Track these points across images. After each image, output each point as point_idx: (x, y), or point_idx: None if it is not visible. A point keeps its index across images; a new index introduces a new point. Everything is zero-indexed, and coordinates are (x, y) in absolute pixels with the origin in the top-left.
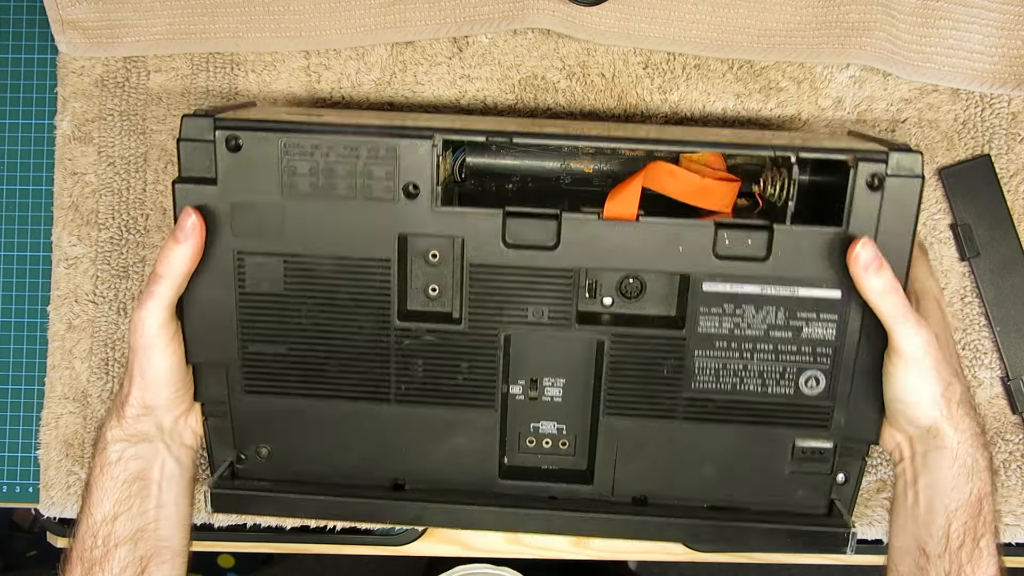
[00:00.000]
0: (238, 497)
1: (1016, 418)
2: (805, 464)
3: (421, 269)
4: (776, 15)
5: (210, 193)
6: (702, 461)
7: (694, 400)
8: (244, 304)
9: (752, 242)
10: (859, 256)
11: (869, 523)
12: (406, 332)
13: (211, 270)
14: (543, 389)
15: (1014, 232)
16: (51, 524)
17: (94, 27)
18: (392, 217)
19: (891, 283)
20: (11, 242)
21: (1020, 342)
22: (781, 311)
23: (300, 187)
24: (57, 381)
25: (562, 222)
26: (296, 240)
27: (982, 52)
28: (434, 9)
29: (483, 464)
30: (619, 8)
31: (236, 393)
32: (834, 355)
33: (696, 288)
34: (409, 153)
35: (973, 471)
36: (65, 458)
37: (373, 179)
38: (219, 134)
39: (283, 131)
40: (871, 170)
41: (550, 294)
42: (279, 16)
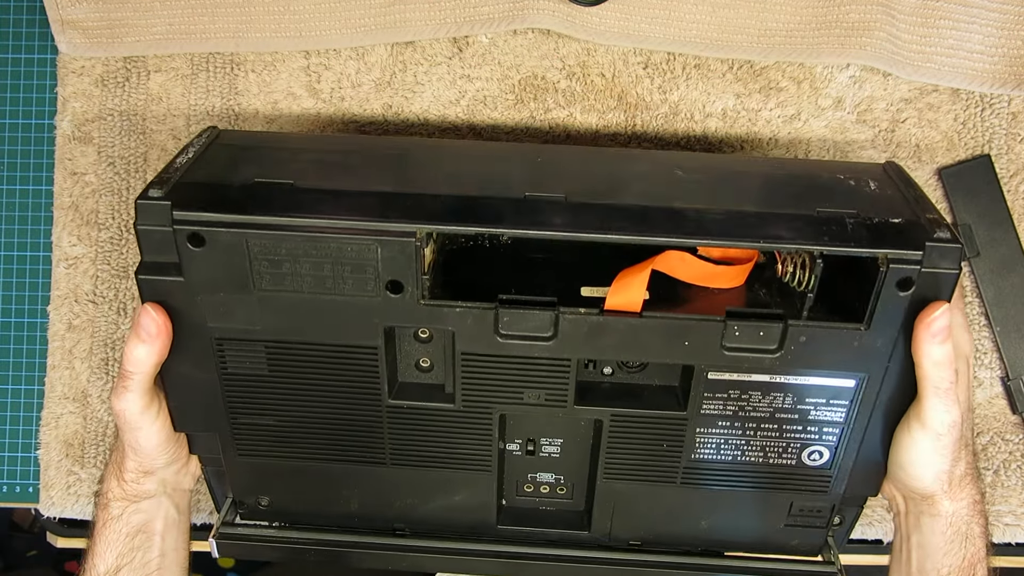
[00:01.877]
0: (244, 546)
1: (1016, 418)
2: (801, 519)
3: (411, 346)
4: (776, 15)
5: (177, 285)
6: (699, 517)
7: (693, 469)
8: (228, 383)
9: (764, 334)
10: (932, 323)
11: (869, 523)
12: (399, 408)
13: (189, 352)
14: (540, 447)
15: (1014, 232)
16: (51, 524)
17: (94, 27)
18: (376, 311)
19: (950, 357)
20: (11, 242)
21: (1020, 342)
22: (790, 397)
23: (272, 282)
24: (57, 381)
25: (560, 317)
26: (275, 329)
27: (982, 52)
28: (434, 9)
29: (481, 514)
30: (619, 8)
31: (230, 455)
32: (840, 435)
33: (701, 376)
34: (388, 252)
35: (967, 538)
36: (65, 458)
37: (351, 277)
38: (179, 229)
39: (248, 227)
40: (903, 273)
41: (546, 379)
42: (279, 16)
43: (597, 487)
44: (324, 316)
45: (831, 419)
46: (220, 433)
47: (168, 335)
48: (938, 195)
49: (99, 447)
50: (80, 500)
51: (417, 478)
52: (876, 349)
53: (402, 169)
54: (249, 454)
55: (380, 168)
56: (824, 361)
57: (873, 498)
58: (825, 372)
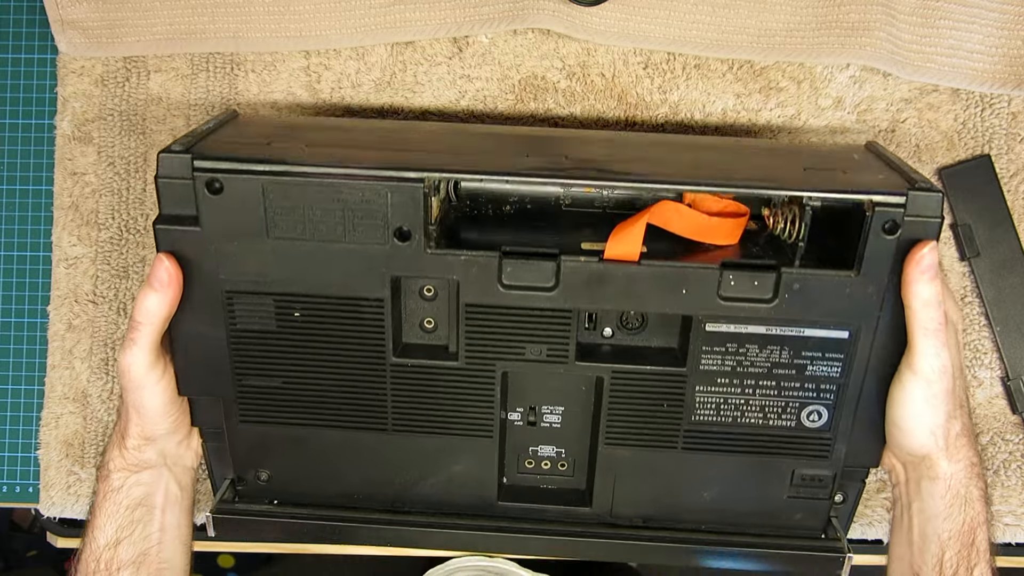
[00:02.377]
0: (240, 522)
1: (1016, 418)
2: (804, 490)
3: (416, 304)
4: (776, 15)
5: (193, 234)
6: (701, 487)
7: (693, 431)
8: (236, 341)
9: (759, 284)
10: (922, 259)
11: (869, 523)
12: (402, 367)
13: (200, 308)
14: (542, 416)
15: (1014, 232)
16: (51, 524)
17: (94, 27)
18: (384, 260)
19: (938, 297)
20: (11, 242)
21: (1020, 342)
22: (786, 350)
23: (285, 230)
24: (57, 381)
25: (561, 264)
26: (285, 280)
27: (982, 52)
28: (434, 9)
29: (482, 487)
30: (619, 8)
31: (232, 422)
32: (838, 391)
33: (699, 328)
34: (399, 197)
35: (967, 501)
36: (65, 458)
37: (361, 222)
38: (199, 176)
39: (264, 174)
40: (888, 216)
41: (548, 332)
42: (279, 16)
43: (598, 456)
44: (334, 266)
45: (827, 374)
46: (224, 398)
47: (180, 286)
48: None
49: (99, 447)
50: (80, 500)
51: (418, 447)
52: (867, 297)
53: (410, 138)
54: (252, 420)
55: (389, 138)
56: (818, 310)
57: (871, 503)
58: (819, 323)
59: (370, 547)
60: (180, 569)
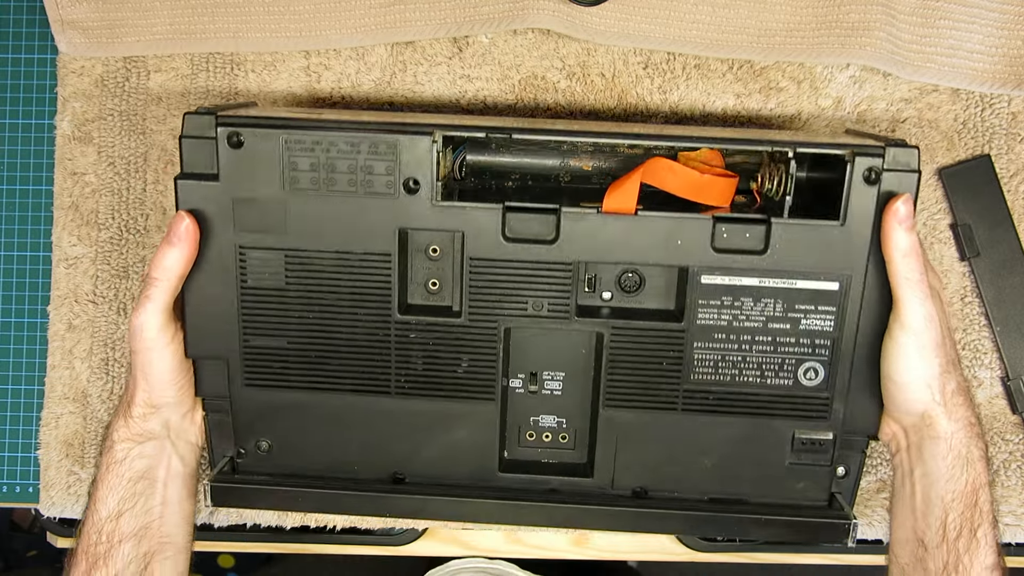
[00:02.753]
0: (238, 490)
1: (1016, 418)
2: (805, 456)
3: (422, 264)
4: (776, 15)
5: (212, 189)
6: (702, 453)
7: (693, 392)
8: (246, 298)
9: (750, 235)
10: (898, 210)
11: (869, 523)
12: (406, 326)
13: (212, 265)
14: (543, 382)
15: (1014, 232)
16: (51, 524)
17: (94, 27)
18: (393, 212)
19: (916, 246)
20: (11, 242)
21: (1020, 342)
22: (779, 303)
23: (301, 182)
24: (57, 381)
25: (561, 216)
26: (297, 235)
27: (982, 52)
28: (434, 9)
29: (483, 457)
30: (619, 8)
31: (236, 387)
32: (832, 346)
33: (695, 281)
34: (409, 149)
35: (968, 461)
36: (65, 458)
37: (374, 174)
38: (221, 131)
39: (285, 127)
40: (867, 164)
41: (549, 287)
42: (279, 16)
43: (599, 421)
44: (345, 220)
45: (821, 328)
46: (229, 361)
47: (196, 242)
48: (938, 195)
49: (99, 447)
50: (80, 500)
51: (420, 412)
52: (854, 247)
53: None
54: (256, 383)
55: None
56: (808, 261)
57: (871, 503)
58: (810, 274)
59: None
60: (181, 546)
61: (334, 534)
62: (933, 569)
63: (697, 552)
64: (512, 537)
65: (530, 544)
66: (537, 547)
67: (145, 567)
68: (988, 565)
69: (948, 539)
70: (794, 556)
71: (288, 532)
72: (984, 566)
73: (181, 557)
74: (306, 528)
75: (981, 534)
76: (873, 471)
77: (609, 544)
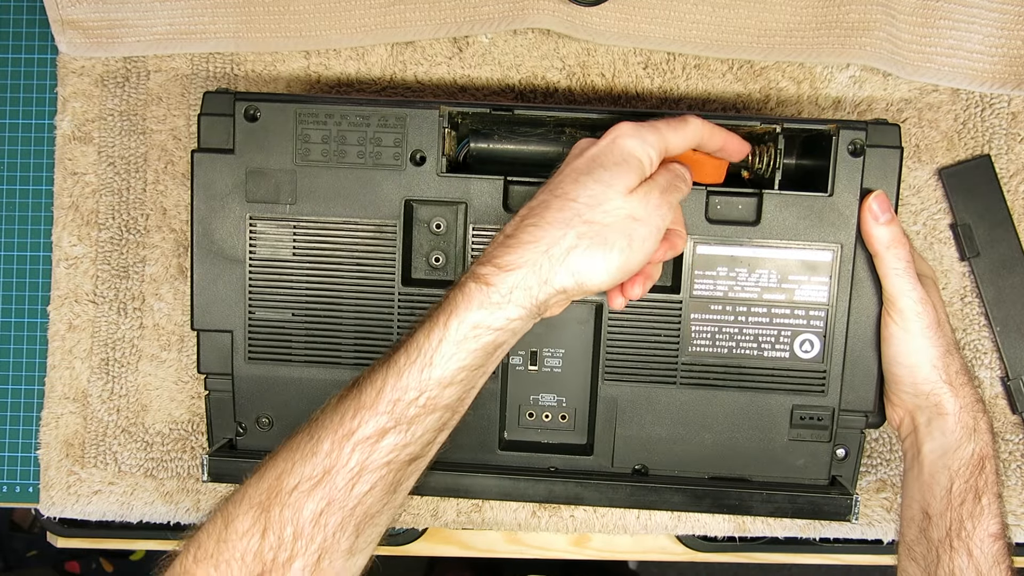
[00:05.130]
0: (236, 465)
1: (1016, 418)
2: (804, 431)
3: (426, 238)
4: (776, 15)
5: (226, 161)
6: (701, 429)
7: (691, 365)
8: (253, 269)
9: (743, 207)
10: (871, 206)
11: (869, 523)
12: (410, 297)
13: (224, 236)
14: (543, 360)
15: (1014, 232)
16: (51, 524)
17: (94, 27)
18: (399, 183)
19: (899, 236)
20: (11, 242)
21: (1020, 342)
22: (774, 273)
23: (312, 154)
24: (57, 381)
25: None
26: (306, 206)
27: (982, 52)
28: (434, 9)
29: (483, 436)
30: (619, 8)
31: (239, 361)
32: (827, 318)
33: (691, 251)
34: (417, 122)
35: (975, 432)
36: (65, 458)
37: (382, 147)
38: (239, 105)
39: (298, 102)
40: (852, 137)
41: None
42: (279, 16)
43: (599, 397)
44: (353, 192)
45: (815, 300)
46: (234, 333)
47: None
48: (938, 195)
49: (99, 447)
50: (80, 500)
51: None
52: (843, 217)
53: None
54: (259, 357)
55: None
56: (799, 231)
57: (870, 503)
58: (802, 244)
59: None
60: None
61: None
62: (936, 537)
63: (697, 552)
64: (512, 537)
65: (530, 544)
66: (537, 547)
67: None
68: (992, 532)
69: (952, 505)
70: (794, 556)
71: None
72: (988, 532)
73: None
74: None
75: (986, 501)
76: (873, 471)
77: (609, 544)
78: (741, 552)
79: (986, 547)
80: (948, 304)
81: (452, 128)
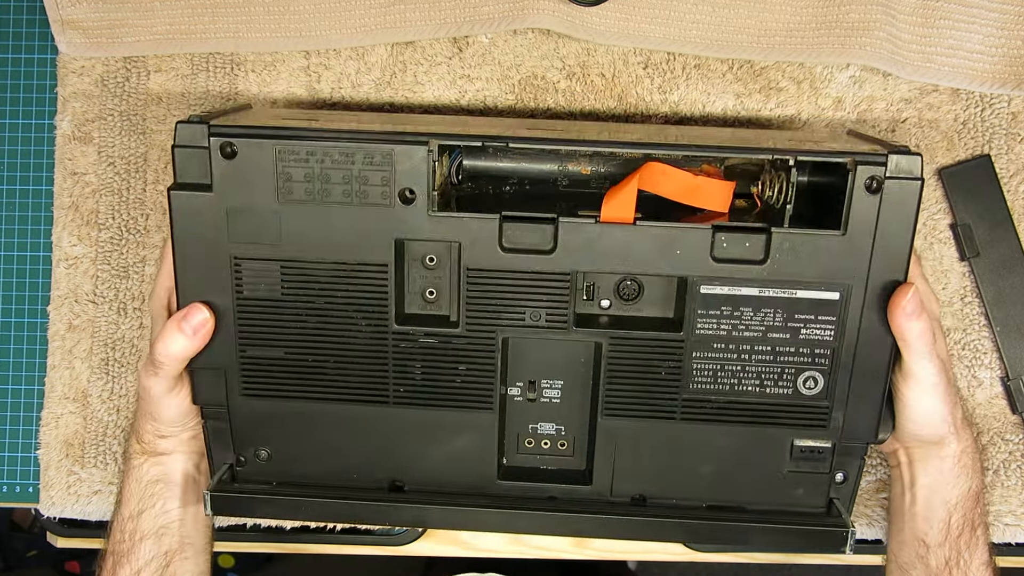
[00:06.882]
0: (237, 499)
1: (1016, 418)
2: (803, 464)
3: (418, 273)
4: (776, 15)
5: (206, 200)
6: (701, 461)
7: (692, 401)
8: (241, 309)
9: (750, 245)
10: (905, 308)
11: (869, 523)
12: (404, 336)
13: (208, 276)
14: (541, 391)
15: (1014, 232)
16: (51, 524)
17: (94, 27)
18: (389, 222)
19: (928, 325)
20: (11, 242)
21: (1020, 342)
22: (779, 313)
23: (296, 193)
24: (57, 381)
25: (559, 226)
26: (293, 245)
27: (982, 52)
28: (434, 9)
29: (482, 465)
30: (619, 8)
31: (234, 396)
32: (832, 356)
33: (694, 291)
34: (405, 159)
35: (972, 470)
36: (65, 458)
37: (369, 185)
38: (214, 141)
39: (278, 137)
40: (870, 173)
41: (547, 297)
42: (279, 16)
43: (598, 429)
44: (340, 231)
45: (821, 338)
46: (227, 371)
47: (207, 339)
48: (938, 195)
49: (99, 447)
50: (80, 500)
51: (419, 421)
52: (855, 257)
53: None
54: (254, 393)
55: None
56: (808, 271)
57: (870, 502)
58: (810, 284)
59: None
60: (201, 547)
61: (334, 534)
62: (934, 565)
63: (697, 552)
64: (512, 538)
65: (530, 545)
66: (537, 547)
67: (166, 565)
68: (984, 561)
69: (951, 537)
70: (793, 556)
71: (288, 532)
72: (982, 561)
73: (201, 558)
74: (306, 528)
75: (980, 532)
76: (873, 471)
77: (608, 545)
78: (741, 552)
79: (981, 575)
80: (948, 304)
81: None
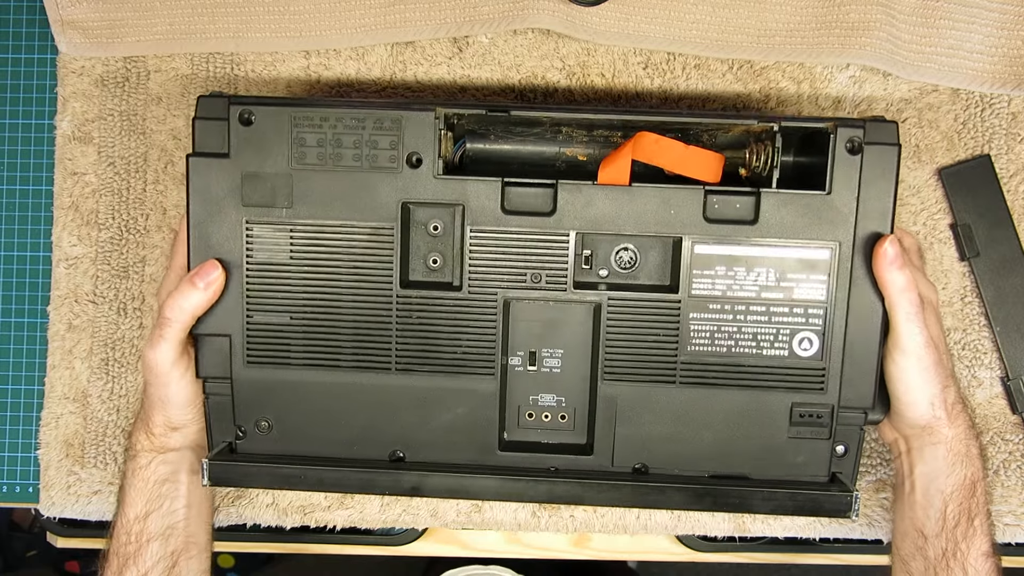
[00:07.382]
0: (235, 468)
1: (1016, 418)
2: (804, 429)
3: (423, 240)
4: (776, 15)
5: (221, 166)
6: (701, 428)
7: (690, 364)
8: (251, 274)
9: (740, 206)
10: (886, 252)
11: (869, 523)
12: (407, 300)
13: (221, 241)
14: (542, 360)
15: (1014, 232)
16: (51, 524)
17: (94, 27)
18: (396, 186)
19: (911, 281)
20: (11, 242)
21: (1020, 342)
22: (772, 272)
23: (308, 157)
24: (57, 381)
25: (559, 189)
26: (303, 209)
27: (982, 52)
28: (434, 9)
29: (483, 436)
30: (619, 8)
31: (238, 365)
32: (825, 316)
33: (689, 251)
34: (413, 124)
35: (967, 458)
36: (65, 458)
37: (378, 149)
38: (233, 109)
39: (293, 105)
40: (850, 135)
41: (547, 259)
42: (279, 16)
43: (598, 396)
44: (349, 195)
45: (814, 298)
46: (231, 338)
47: (219, 293)
48: (938, 195)
49: (99, 447)
50: (80, 500)
51: (421, 389)
52: (841, 215)
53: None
54: (258, 361)
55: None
56: (797, 229)
57: (870, 503)
58: (800, 243)
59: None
60: (204, 545)
61: (334, 534)
62: (932, 556)
63: (697, 552)
64: (512, 537)
65: (530, 544)
66: (537, 547)
67: (172, 565)
68: (984, 551)
69: (947, 528)
70: (794, 556)
71: (288, 532)
72: (980, 552)
73: (204, 555)
74: (306, 528)
75: (978, 523)
76: (873, 471)
77: (609, 544)
78: (741, 552)
79: (980, 566)
80: (948, 304)
81: (448, 129)
